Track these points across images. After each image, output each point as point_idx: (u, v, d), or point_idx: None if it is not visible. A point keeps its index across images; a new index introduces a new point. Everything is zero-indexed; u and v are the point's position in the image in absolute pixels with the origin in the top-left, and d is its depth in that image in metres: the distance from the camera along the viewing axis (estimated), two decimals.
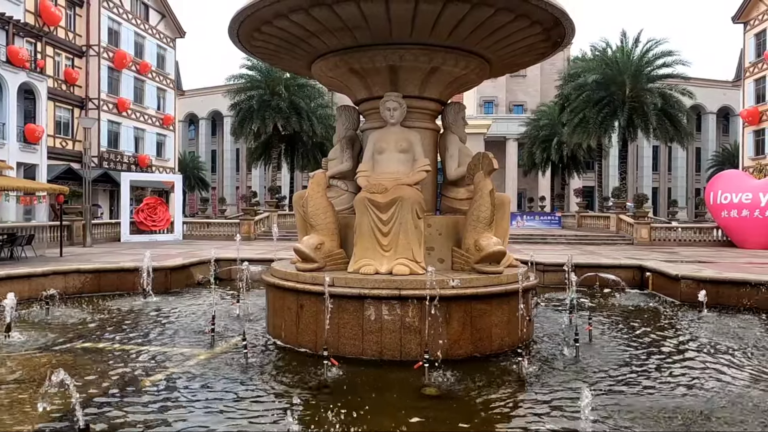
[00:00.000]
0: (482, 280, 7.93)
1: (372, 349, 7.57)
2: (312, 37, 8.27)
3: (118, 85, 45.52)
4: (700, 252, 26.06)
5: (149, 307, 11.45)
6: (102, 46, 43.20)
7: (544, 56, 9.47)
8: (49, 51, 39.38)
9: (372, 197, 8.04)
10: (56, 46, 40.15)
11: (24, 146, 35.61)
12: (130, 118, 46.86)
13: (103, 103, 43.55)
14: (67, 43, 41.15)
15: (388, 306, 7.54)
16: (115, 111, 45.09)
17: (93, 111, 42.88)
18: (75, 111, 42.10)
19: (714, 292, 11.71)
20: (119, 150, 45.59)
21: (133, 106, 46.96)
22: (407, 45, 8.27)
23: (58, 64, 40.68)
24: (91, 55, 43.03)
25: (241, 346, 7.66)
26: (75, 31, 42.14)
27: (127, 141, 46.63)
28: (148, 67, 48.69)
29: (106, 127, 44.36)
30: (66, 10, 41.09)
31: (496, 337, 7.90)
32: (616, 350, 8.24)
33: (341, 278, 7.83)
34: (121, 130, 46.10)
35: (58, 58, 40.62)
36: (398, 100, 8.58)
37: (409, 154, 8.61)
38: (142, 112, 48.32)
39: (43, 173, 37.25)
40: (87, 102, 42.92)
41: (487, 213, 8.20)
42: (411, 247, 8.08)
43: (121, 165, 44.35)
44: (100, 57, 43.22)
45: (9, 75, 33.78)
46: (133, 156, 46.69)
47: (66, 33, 41.10)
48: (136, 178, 37.95)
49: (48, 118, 38.22)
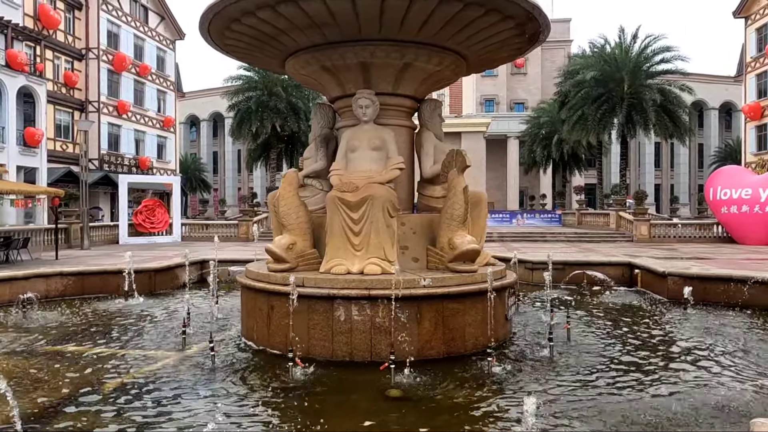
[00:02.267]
0: (455, 279, 7.80)
1: (342, 351, 7.46)
2: (282, 35, 8.16)
3: (118, 87, 45.62)
4: (699, 248, 25.86)
5: (129, 309, 11.36)
6: (101, 49, 43.30)
7: (521, 51, 9.33)
8: (48, 54, 39.50)
9: (342, 196, 7.92)
10: (55, 50, 40.24)
11: (24, 149, 35.73)
12: (130, 121, 46.94)
13: (103, 105, 43.66)
14: (66, 46, 41.25)
15: (357, 306, 7.43)
16: (116, 113, 45.17)
17: (93, 114, 42.95)
18: (75, 114, 42.20)
19: (701, 288, 11.53)
20: (120, 152, 45.67)
21: (134, 109, 47.03)
22: (377, 41, 8.15)
23: (58, 68, 40.78)
24: (90, 57, 43.13)
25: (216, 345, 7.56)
26: (74, 34, 42.26)
27: (127, 143, 46.71)
28: (148, 70, 48.77)
29: (107, 129, 44.50)
30: (65, 14, 41.21)
31: (470, 337, 7.77)
32: (593, 350, 8.08)
33: (311, 278, 7.72)
34: (122, 132, 46.19)
35: (57, 61, 40.73)
36: (370, 98, 8.46)
37: (383, 151, 8.49)
38: (142, 114, 48.40)
39: (43, 176, 37.37)
40: (87, 105, 43.04)
41: (460, 211, 8.07)
42: (383, 246, 7.95)
43: (121, 167, 44.41)
44: (100, 60, 43.35)
45: (8, 79, 33.89)
46: (133, 158, 46.76)
47: (65, 36, 41.24)
48: (134, 180, 37.98)
49: (48, 121, 38.32)
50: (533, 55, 71.16)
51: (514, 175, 61.35)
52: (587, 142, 43.79)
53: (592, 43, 41.78)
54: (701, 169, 68.23)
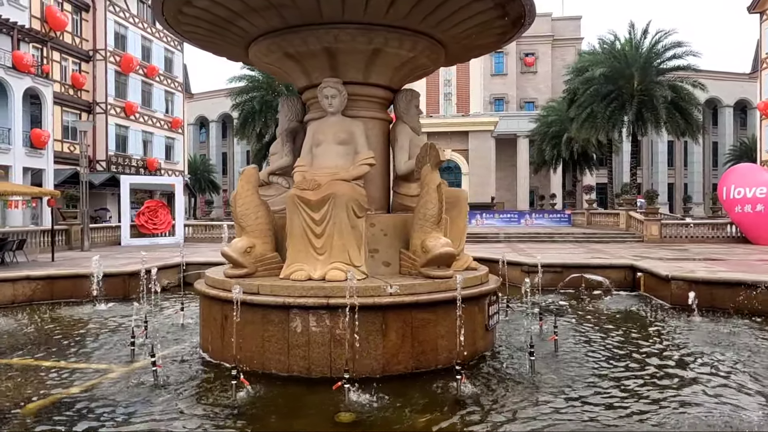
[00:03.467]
0: (426, 285, 7.05)
1: (299, 365, 6.74)
2: (238, 18, 7.45)
3: (125, 88, 45.34)
4: (711, 249, 24.87)
5: (95, 316, 10.71)
6: (109, 51, 43.07)
7: (506, 36, 8.52)
8: (55, 56, 39.34)
9: (302, 194, 7.19)
10: (63, 51, 40.06)
11: (30, 151, 35.59)
12: (137, 122, 46.66)
13: (110, 107, 43.42)
14: (73, 47, 41.08)
15: (316, 317, 6.70)
16: (123, 115, 44.88)
17: (100, 115, 42.82)
18: (82, 115, 41.91)
19: (707, 293, 10.69)
20: (127, 154, 45.39)
21: (141, 110, 46.72)
22: (342, 24, 7.41)
23: (65, 69, 40.60)
24: (97, 59, 42.89)
25: (165, 361, 6.89)
26: (81, 36, 42.05)
27: (135, 144, 46.43)
28: (156, 71, 48.45)
29: (114, 131, 44.21)
30: (72, 15, 41.06)
31: (443, 350, 7.01)
32: (582, 364, 7.28)
33: (267, 285, 7.01)
34: (129, 133, 45.91)
35: (65, 63, 40.55)
36: (337, 87, 7.72)
37: (350, 146, 7.76)
38: (150, 115, 48.11)
39: (50, 178, 37.23)
40: (94, 106, 42.82)
41: (434, 210, 7.32)
42: (347, 250, 7.22)
43: (129, 169, 44.16)
44: (107, 61, 43.10)
45: (14, 80, 33.79)
46: (141, 159, 46.47)
47: (72, 38, 41.07)
48: (136, 181, 37.54)
49: (55, 122, 38.11)
50: (543, 54, 70.24)
51: (524, 174, 60.34)
52: (597, 140, 42.74)
53: (601, 39, 40.64)
54: (716, 167, 66.68)
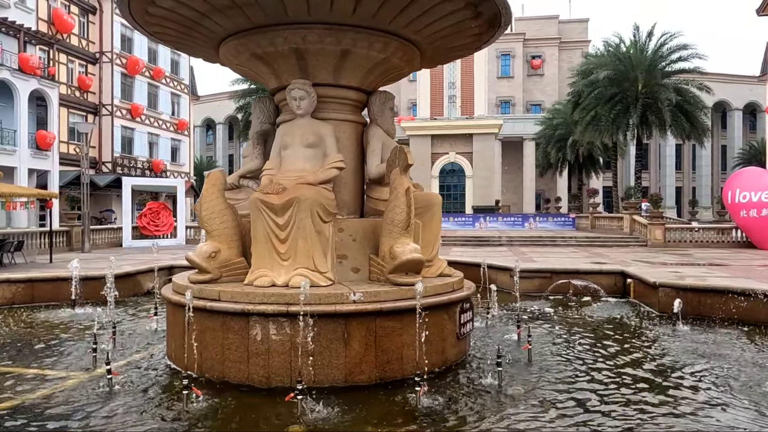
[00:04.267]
0: (391, 293, 6.83)
1: (259, 375, 6.54)
2: (204, 18, 7.28)
3: (131, 91, 45.62)
4: (715, 254, 24.48)
5: (71, 320, 10.57)
6: (115, 53, 43.36)
7: (482, 38, 8.28)
8: (62, 58, 39.60)
9: (265, 198, 7.01)
10: (69, 54, 40.33)
11: (35, 152, 35.82)
12: (143, 124, 46.90)
13: (116, 109, 43.71)
14: (80, 50, 41.37)
15: (276, 324, 6.50)
16: (129, 117, 45.16)
17: (106, 117, 43.11)
18: (89, 117, 42.21)
19: (695, 301, 10.40)
20: (133, 155, 45.61)
21: (147, 112, 46.97)
22: (309, 24, 7.22)
23: (72, 71, 40.88)
24: (104, 61, 43.17)
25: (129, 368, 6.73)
26: (88, 38, 42.33)
27: (140, 146, 46.64)
28: (162, 73, 48.66)
29: (120, 132, 44.46)
30: (79, 18, 41.37)
31: (409, 360, 6.78)
32: (555, 376, 7.03)
33: (227, 291, 6.82)
34: (135, 135, 46.16)
35: (71, 65, 40.85)
36: (305, 88, 7.54)
37: (319, 149, 7.57)
38: (156, 117, 48.34)
39: (55, 179, 37.45)
40: (100, 108, 43.08)
41: (402, 215, 7.11)
42: (312, 255, 7.03)
43: (135, 170, 44.32)
44: (113, 63, 43.39)
45: (20, 82, 34.00)
46: (147, 161, 46.64)
47: (79, 40, 41.35)
48: (138, 183, 37.53)
49: (61, 124, 38.30)
50: (550, 56, 69.82)
51: (530, 177, 59.95)
52: (603, 144, 42.34)
53: (606, 41, 40.27)
54: (724, 171, 65.97)
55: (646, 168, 65.70)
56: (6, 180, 32.87)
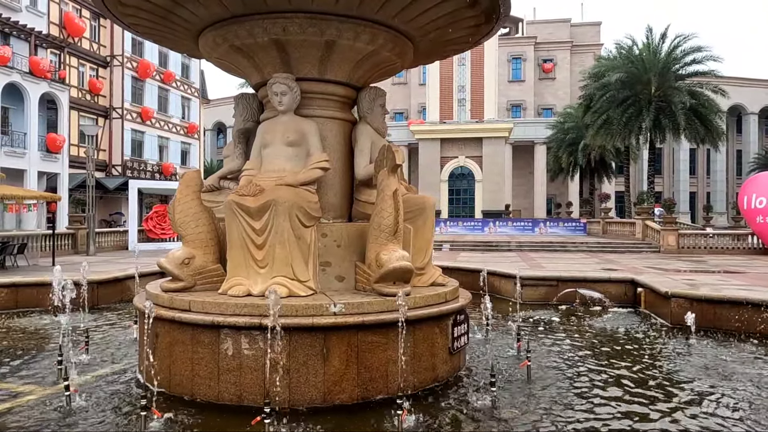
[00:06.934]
0: (375, 304, 6.27)
1: (230, 393, 6.00)
2: (178, 7, 6.78)
3: (142, 94, 45.64)
4: (731, 261, 23.72)
5: (50, 327, 10.09)
6: (126, 56, 43.40)
7: (480, 30, 7.72)
8: (73, 62, 39.73)
9: (240, 200, 6.47)
10: (80, 57, 40.45)
11: (45, 155, 35.90)
12: (154, 127, 46.90)
13: (126, 112, 43.72)
14: (91, 53, 41.51)
15: (248, 338, 5.96)
16: (139, 120, 45.16)
17: (117, 120, 43.13)
18: (99, 120, 42.34)
19: (711, 313, 9.74)
20: (143, 159, 45.57)
21: (157, 115, 46.96)
22: (290, 13, 6.69)
23: (83, 75, 41.01)
24: (115, 65, 43.27)
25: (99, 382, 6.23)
26: (99, 42, 42.43)
27: (151, 150, 46.58)
28: (172, 77, 48.65)
29: (130, 135, 44.45)
30: (90, 22, 41.52)
31: (395, 377, 6.19)
32: (555, 396, 6.44)
33: (198, 301, 6.29)
34: (145, 138, 46.12)
35: (82, 68, 41.00)
36: (287, 83, 7.00)
37: (302, 147, 7.03)
38: (166, 120, 48.28)
39: (65, 182, 37.55)
40: (111, 111, 43.13)
41: (389, 220, 6.55)
42: (291, 263, 6.48)
43: (144, 173, 44.26)
44: (124, 67, 43.44)
45: (30, 85, 34.16)
46: (157, 164, 46.57)
47: (90, 44, 41.48)
48: (146, 186, 37.31)
49: (72, 127, 38.37)
50: (562, 60, 69.10)
51: (541, 182, 59.16)
52: (615, 148, 41.61)
53: (618, 44, 39.55)
54: (740, 176, 64.81)
55: (660, 173, 64.68)
56: (16, 182, 32.88)
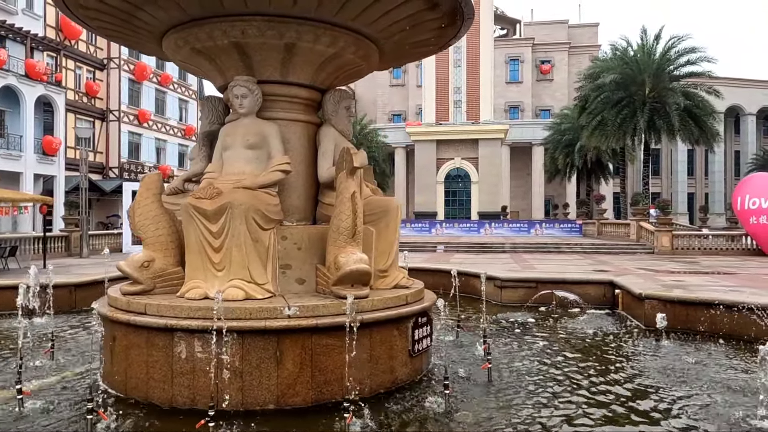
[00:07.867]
0: (331, 307, 6.26)
1: (183, 396, 5.99)
2: (137, 10, 6.79)
3: (139, 96, 45.70)
4: (723, 262, 23.66)
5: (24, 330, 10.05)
6: (123, 59, 43.37)
7: (446, 33, 7.72)
8: (70, 64, 39.75)
9: (197, 203, 6.47)
10: (77, 60, 40.44)
11: (41, 158, 35.90)
12: (151, 129, 46.95)
13: (123, 114, 43.72)
14: (88, 56, 41.50)
15: (201, 341, 5.95)
16: (136, 122, 45.20)
17: (114, 123, 43.15)
18: (96, 123, 42.38)
19: (683, 314, 9.72)
20: (140, 161, 45.60)
21: (155, 118, 47.04)
22: (248, 16, 6.69)
23: (79, 77, 40.99)
24: (111, 67, 43.27)
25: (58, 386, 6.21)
26: (96, 45, 42.37)
27: (148, 152, 46.66)
28: (170, 79, 48.66)
29: (127, 138, 44.48)
30: None
31: (351, 381, 6.21)
32: (514, 400, 6.40)
33: (153, 305, 6.28)
34: (143, 141, 46.18)
35: (79, 71, 40.98)
36: (248, 86, 7.01)
37: (262, 150, 7.03)
38: (163, 123, 48.36)
39: (61, 184, 37.56)
40: (108, 114, 43.17)
41: (348, 222, 6.55)
42: (248, 266, 6.48)
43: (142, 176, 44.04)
44: (121, 69, 43.42)
45: (26, 88, 34.19)
46: (154, 167, 46.58)
47: (87, 46, 41.44)
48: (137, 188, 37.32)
49: (68, 130, 38.38)
50: (560, 61, 69.02)
51: (539, 183, 59.09)
52: (612, 149, 41.52)
53: (613, 45, 39.49)
54: (738, 177, 64.53)
55: (657, 174, 64.59)
56: (11, 185, 32.93)
